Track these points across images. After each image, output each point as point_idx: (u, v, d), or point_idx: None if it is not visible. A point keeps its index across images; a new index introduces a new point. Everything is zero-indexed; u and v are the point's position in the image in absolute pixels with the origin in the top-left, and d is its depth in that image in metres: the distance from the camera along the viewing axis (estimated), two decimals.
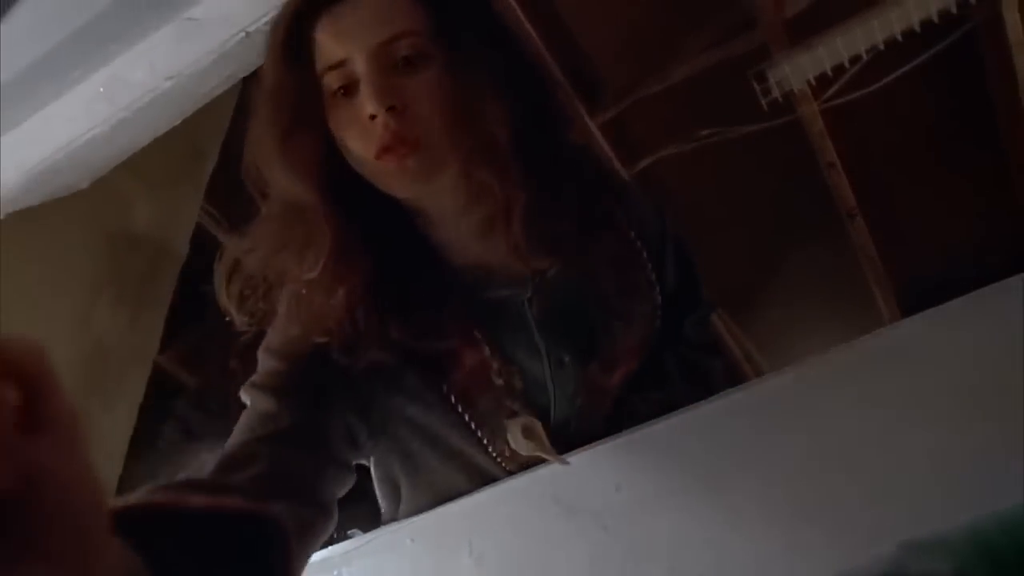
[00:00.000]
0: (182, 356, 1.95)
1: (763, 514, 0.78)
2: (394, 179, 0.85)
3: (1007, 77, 2.16)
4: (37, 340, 0.37)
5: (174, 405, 0.84)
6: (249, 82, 1.13)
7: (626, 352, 1.03)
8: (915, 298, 2.60)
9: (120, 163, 1.36)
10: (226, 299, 0.93)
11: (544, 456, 0.94)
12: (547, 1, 2.17)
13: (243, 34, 1.05)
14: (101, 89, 1.08)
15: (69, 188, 1.42)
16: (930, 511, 0.67)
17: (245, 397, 0.90)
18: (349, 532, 1.10)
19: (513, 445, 0.95)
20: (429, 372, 0.93)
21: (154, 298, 1.69)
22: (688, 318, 1.15)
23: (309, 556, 0.83)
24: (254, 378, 0.91)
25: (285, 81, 0.85)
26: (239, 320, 0.93)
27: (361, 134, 0.83)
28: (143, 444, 1.64)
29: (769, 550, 0.76)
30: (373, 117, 0.81)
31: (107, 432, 1.62)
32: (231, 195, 1.69)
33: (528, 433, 0.94)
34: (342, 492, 0.93)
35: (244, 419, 0.88)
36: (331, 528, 0.88)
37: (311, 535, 0.82)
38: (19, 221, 1.40)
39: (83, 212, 1.56)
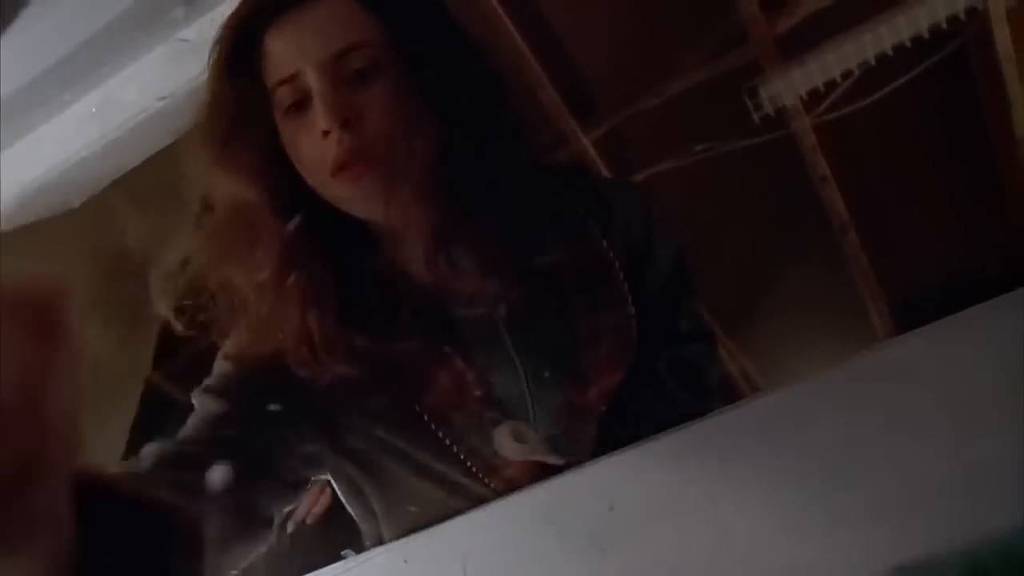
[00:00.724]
0: (175, 373, 1.94)
1: (757, 533, 0.78)
2: (352, 201, 0.83)
3: (997, 91, 2.18)
4: (57, 279, 0.37)
5: (166, 424, 0.82)
6: None
7: (598, 367, 0.99)
8: (909, 312, 2.60)
9: (112, 182, 1.36)
10: (163, 307, 0.89)
11: (539, 458, 0.92)
12: (540, 16, 2.18)
13: None
14: (93, 110, 1.08)
15: (61, 207, 1.42)
16: (924, 533, 0.67)
17: (195, 400, 0.88)
18: (343, 553, 1.09)
19: (503, 452, 0.92)
20: (398, 391, 0.91)
21: (145, 316, 1.69)
22: (680, 309, 1.10)
23: (234, 565, 0.82)
24: (206, 381, 0.89)
25: (225, 94, 0.82)
26: (178, 327, 0.89)
27: (315, 151, 0.80)
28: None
29: (764, 570, 0.76)
30: (327, 133, 0.78)
31: (99, 450, 1.61)
32: None
33: (519, 436, 0.92)
34: (286, 508, 0.92)
35: (191, 420, 0.86)
36: (264, 542, 0.88)
37: (237, 544, 0.82)
38: (10, 239, 1.40)
39: (75, 230, 1.55)
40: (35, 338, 0.35)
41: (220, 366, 0.90)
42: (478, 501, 0.96)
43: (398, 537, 1.00)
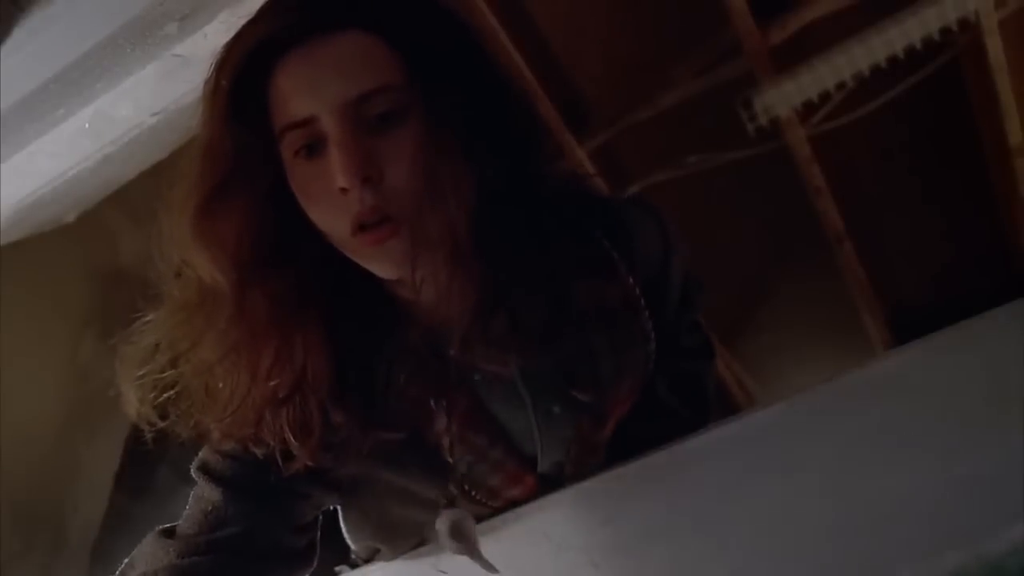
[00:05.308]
0: None
1: (751, 548, 0.78)
2: (372, 260, 0.76)
3: (990, 101, 2.18)
4: None
5: (168, 446, 0.81)
6: None
7: (617, 403, 0.97)
8: (905, 323, 2.60)
9: (105, 197, 1.36)
10: (139, 407, 0.81)
11: (470, 558, 0.87)
12: (534, 30, 2.18)
13: None
14: (87, 125, 1.08)
15: (55, 222, 1.42)
16: (917, 548, 0.67)
17: (195, 476, 0.86)
18: (337, 569, 1.09)
19: (439, 539, 0.88)
20: (404, 439, 0.87)
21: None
22: (683, 324, 1.07)
23: None
24: (205, 457, 0.86)
25: (223, 141, 0.73)
26: (147, 425, 0.82)
27: (330, 205, 0.73)
28: (135, 484, 1.62)
29: None
30: (345, 191, 0.71)
31: (88, 464, 1.60)
32: None
33: (456, 532, 0.87)
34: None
35: (194, 508, 0.84)
36: None
37: None
38: (5, 254, 1.40)
39: (69, 245, 1.55)
40: None
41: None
42: (475, 519, 0.96)
43: (394, 556, 1.00)
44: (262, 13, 0.74)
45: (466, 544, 0.87)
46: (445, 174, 0.73)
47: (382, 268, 0.77)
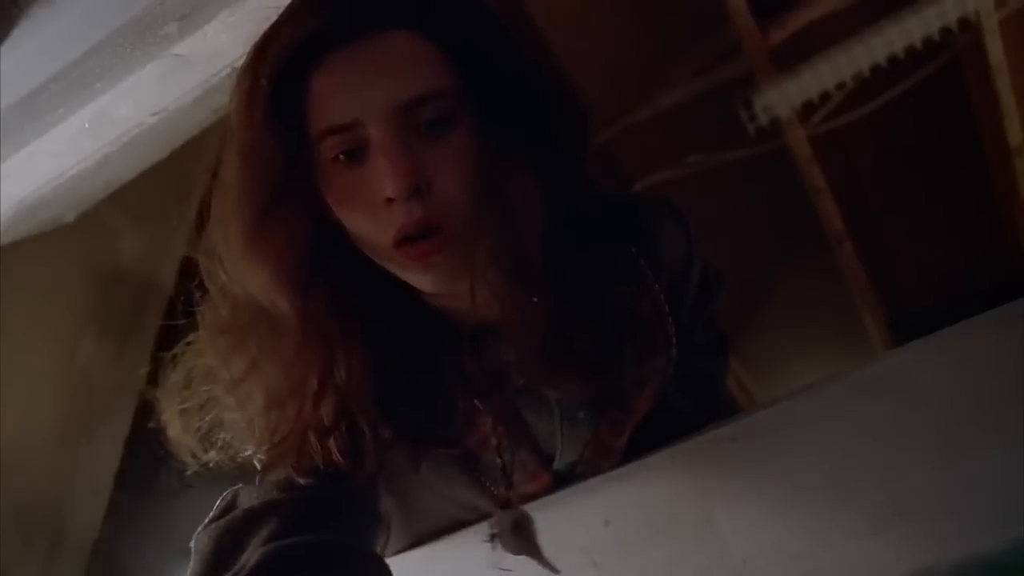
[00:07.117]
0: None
1: (752, 550, 0.78)
2: (414, 274, 0.72)
3: (990, 101, 2.19)
4: None
5: (162, 444, 0.79)
6: None
7: (638, 408, 0.96)
8: (905, 323, 2.61)
9: (106, 197, 1.36)
10: (182, 436, 0.78)
11: (533, 559, 0.88)
12: (535, 29, 2.18)
13: (230, 69, 1.05)
14: (87, 125, 1.08)
15: (54, 221, 1.42)
16: (919, 548, 0.67)
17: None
18: None
19: (498, 539, 0.88)
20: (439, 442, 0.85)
21: (140, 331, 1.68)
22: (698, 322, 1.04)
23: None
24: None
25: (266, 146, 0.68)
26: (213, 458, 0.78)
27: (372, 214, 0.69)
28: (136, 484, 1.62)
29: None
30: (391, 200, 0.67)
31: (87, 463, 1.60)
32: None
33: (518, 531, 0.88)
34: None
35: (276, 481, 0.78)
36: None
37: None
38: (5, 254, 1.40)
39: (69, 245, 1.55)
40: None
41: None
42: (485, 515, 0.96)
43: (400, 550, 1.00)
44: (302, 7, 0.69)
45: (527, 543, 0.87)
46: (515, 188, 0.70)
47: (423, 283, 0.73)
